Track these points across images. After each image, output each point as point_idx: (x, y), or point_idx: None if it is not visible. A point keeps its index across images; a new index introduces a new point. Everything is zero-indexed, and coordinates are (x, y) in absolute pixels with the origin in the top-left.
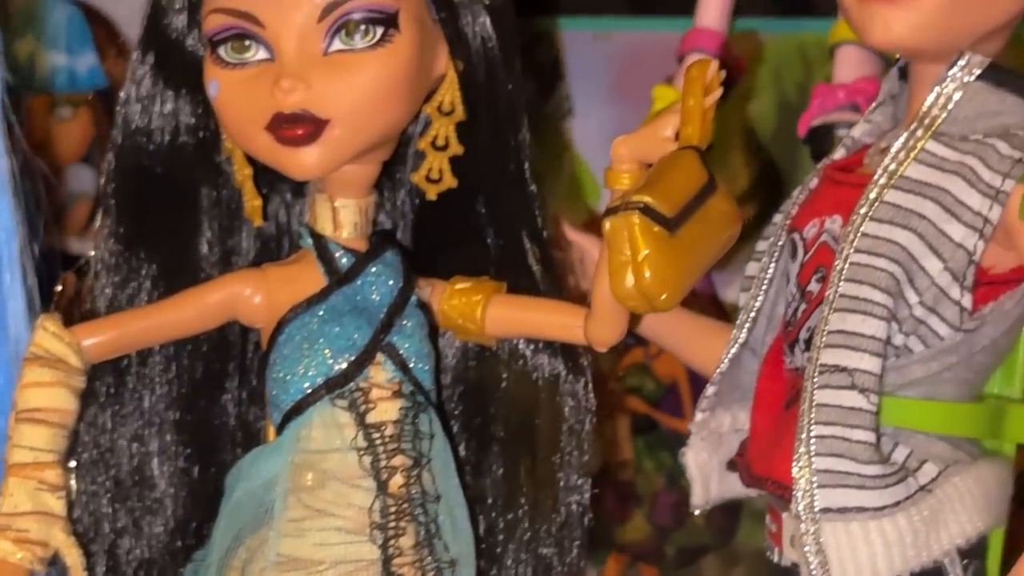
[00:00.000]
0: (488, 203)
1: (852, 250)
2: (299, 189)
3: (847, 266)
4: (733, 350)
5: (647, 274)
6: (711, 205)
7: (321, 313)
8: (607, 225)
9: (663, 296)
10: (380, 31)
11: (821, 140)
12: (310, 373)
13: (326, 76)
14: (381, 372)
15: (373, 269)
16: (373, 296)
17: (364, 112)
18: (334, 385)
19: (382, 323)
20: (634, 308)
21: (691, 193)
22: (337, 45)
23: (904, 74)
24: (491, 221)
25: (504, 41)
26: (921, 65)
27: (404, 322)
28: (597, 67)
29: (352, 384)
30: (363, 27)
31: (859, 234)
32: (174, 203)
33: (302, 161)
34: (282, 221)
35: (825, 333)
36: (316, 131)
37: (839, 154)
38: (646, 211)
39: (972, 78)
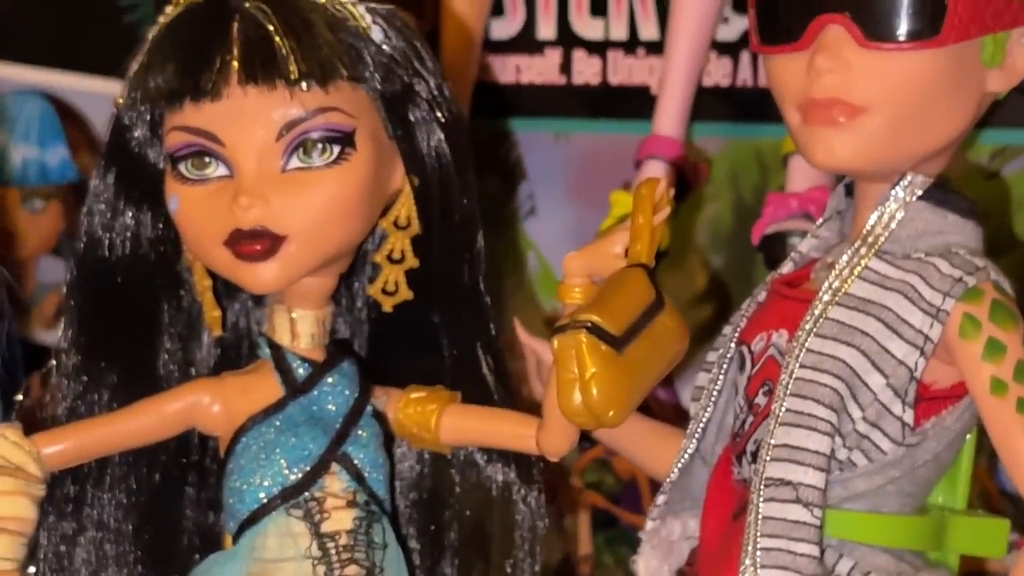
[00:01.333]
0: (443, 314)
1: (797, 365)
2: (259, 298)
3: (792, 381)
4: (683, 460)
5: (594, 392)
6: (658, 322)
7: (278, 423)
8: (555, 343)
9: (610, 413)
10: (337, 149)
11: (774, 247)
12: (266, 483)
13: (284, 193)
14: (336, 482)
15: (329, 379)
16: (329, 406)
17: (321, 228)
18: (289, 495)
19: (338, 433)
20: (582, 424)
21: (638, 311)
22: (295, 163)
23: (850, 191)
24: (446, 332)
25: (459, 157)
26: (865, 184)
27: (359, 432)
28: (557, 167)
29: (307, 494)
30: (320, 145)
31: (804, 349)
32: (135, 313)
33: (260, 276)
34: (242, 328)
35: (771, 447)
36: (273, 247)
37: (787, 268)
38: (593, 330)
39: (914, 198)
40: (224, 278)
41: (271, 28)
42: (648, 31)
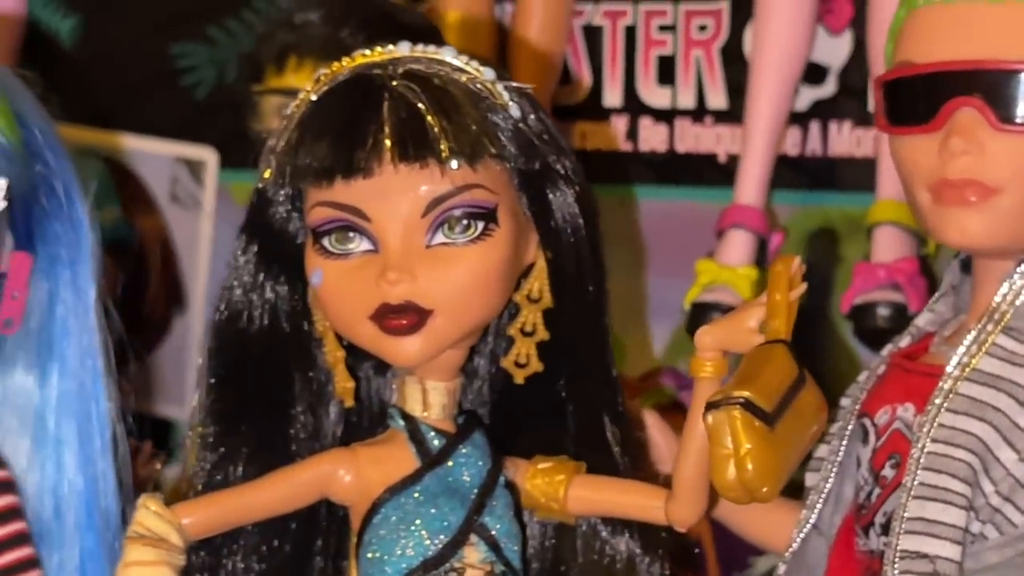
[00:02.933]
0: (570, 385)
1: (929, 440)
2: (380, 368)
3: (924, 455)
4: (805, 530)
5: (749, 467)
6: (802, 398)
7: (416, 494)
8: (709, 419)
9: (764, 489)
10: (481, 225)
11: (864, 317)
12: (407, 554)
13: (430, 269)
14: (475, 553)
15: (464, 450)
16: (464, 477)
17: (465, 303)
18: (431, 566)
19: (475, 504)
20: (734, 500)
21: (786, 387)
22: (439, 238)
23: (966, 266)
24: (572, 402)
25: (590, 231)
26: (986, 260)
27: (494, 503)
28: (623, 234)
29: (447, 565)
30: (464, 221)
31: (935, 424)
32: (269, 383)
33: (405, 349)
34: (363, 398)
35: (904, 519)
36: (420, 321)
37: (904, 342)
38: (747, 406)
39: None
40: (354, 348)
41: (421, 107)
42: (716, 100)
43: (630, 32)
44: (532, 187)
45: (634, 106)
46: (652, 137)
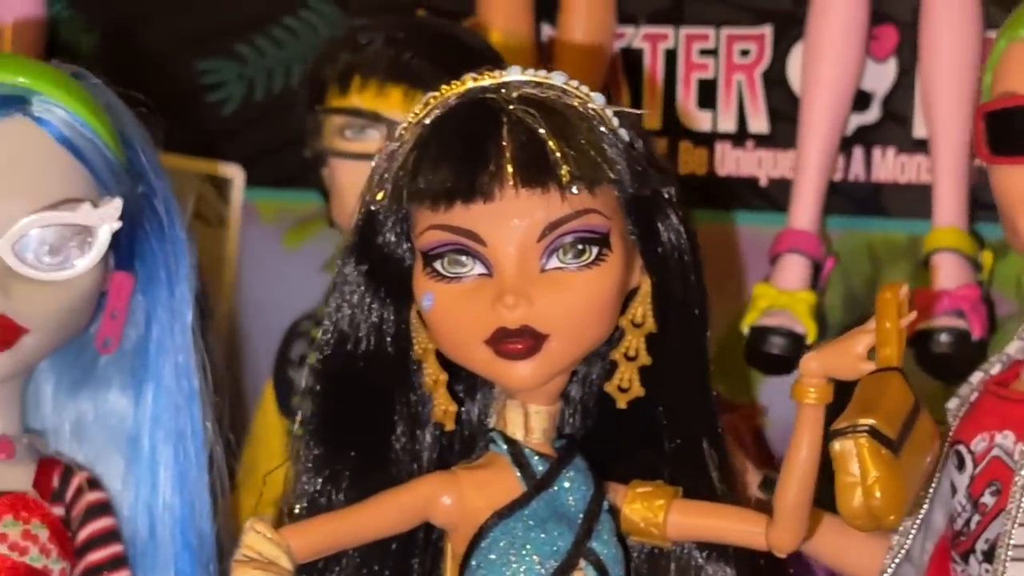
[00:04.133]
0: (669, 409)
1: None
2: (470, 391)
3: None
4: (899, 557)
5: (877, 495)
6: (919, 426)
7: (525, 519)
8: (836, 446)
9: (891, 517)
10: (595, 250)
11: (926, 344)
12: None
13: (545, 293)
14: None
15: (569, 474)
16: (569, 502)
17: (579, 327)
18: None
19: (582, 529)
20: (860, 527)
21: (905, 415)
22: (554, 263)
23: None
24: (671, 426)
25: (694, 256)
26: None
27: (600, 527)
28: None
29: None
30: (579, 246)
31: None
32: (373, 406)
33: (520, 374)
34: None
35: (1010, 547)
36: (536, 346)
37: (995, 369)
38: (873, 433)
39: None
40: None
41: (542, 131)
42: (757, 124)
43: (670, 56)
44: (639, 211)
45: (674, 129)
46: (691, 160)
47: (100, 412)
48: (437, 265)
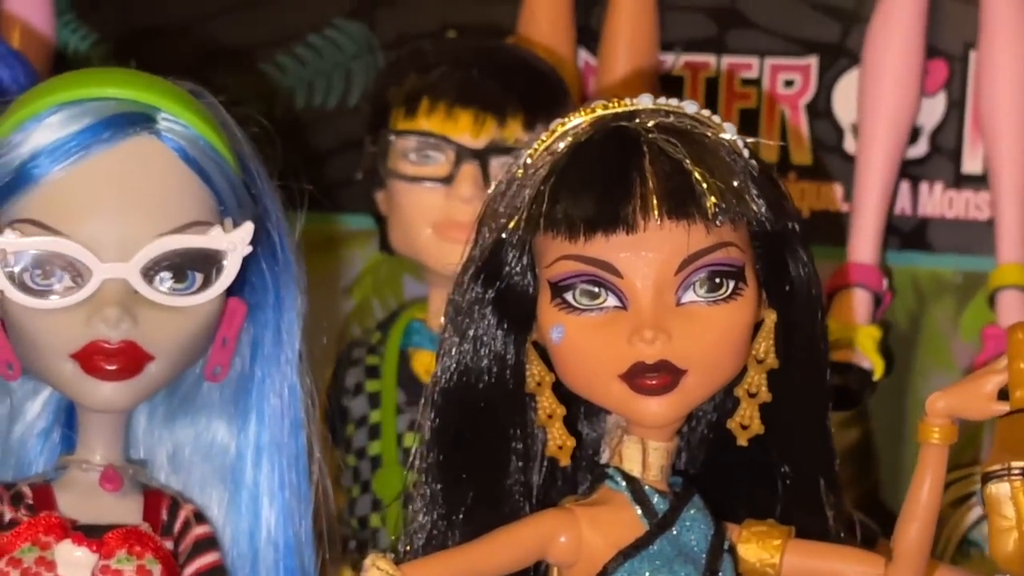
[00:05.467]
0: (787, 448)
1: None
2: (574, 425)
3: None
4: None
5: None
6: None
7: (650, 559)
8: (992, 489)
9: None
10: (732, 284)
11: None
12: None
13: (683, 327)
14: None
15: (690, 512)
16: (692, 541)
17: (717, 363)
18: None
19: (707, 569)
20: (1014, 572)
21: None
22: (690, 296)
23: None
24: (788, 465)
25: (817, 294)
26: None
27: (722, 568)
28: None
29: None
30: (716, 280)
31: None
32: (490, 441)
33: (655, 410)
34: None
35: None
36: (673, 381)
37: None
38: None
39: None
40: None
41: (687, 162)
42: (801, 156)
43: (711, 84)
44: (767, 245)
45: None
46: None
47: (200, 442)
48: (568, 296)
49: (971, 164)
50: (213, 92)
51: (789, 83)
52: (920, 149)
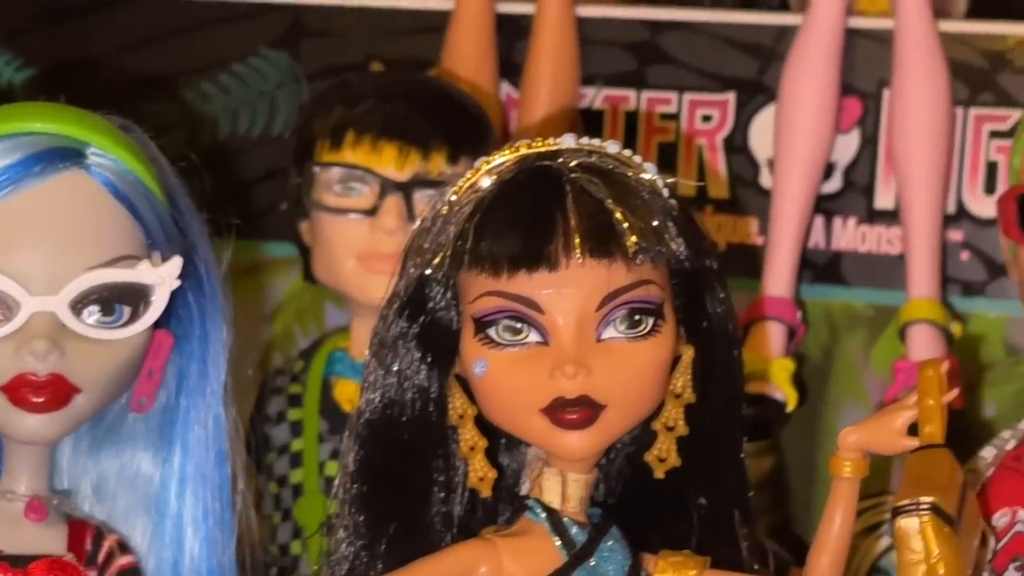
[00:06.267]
0: (703, 480)
1: None
2: (494, 458)
3: None
4: None
5: (941, 572)
6: (968, 504)
7: None
8: (900, 523)
9: None
10: (651, 321)
11: None
12: None
13: (603, 363)
14: None
15: (608, 544)
16: (609, 571)
17: (636, 398)
18: None
19: None
20: None
21: (959, 492)
22: (610, 333)
23: None
24: (704, 497)
25: (733, 329)
26: None
27: None
28: None
29: None
30: (636, 317)
31: None
32: (413, 472)
33: (575, 443)
34: None
35: None
36: (594, 415)
37: (1011, 445)
38: (935, 511)
39: None
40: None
41: (608, 201)
42: (718, 190)
43: (631, 118)
44: (685, 283)
45: None
46: None
47: (125, 472)
48: (491, 332)
49: (884, 200)
50: (140, 121)
51: (707, 118)
52: (834, 184)
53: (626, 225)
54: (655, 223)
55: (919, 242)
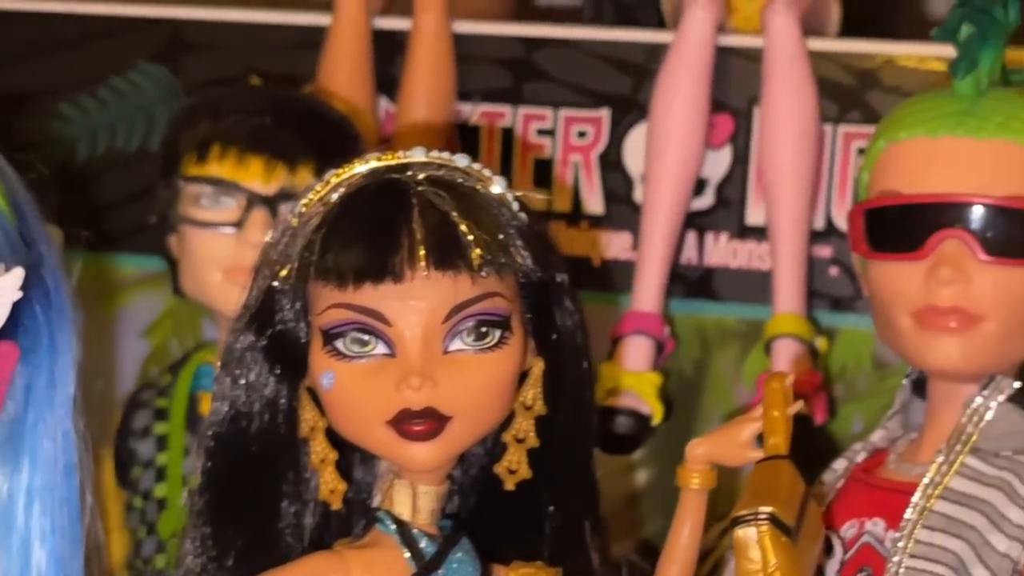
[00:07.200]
0: (554, 491)
1: (907, 556)
2: (349, 470)
3: (903, 570)
4: None
5: None
6: (810, 514)
7: None
8: (739, 533)
9: None
10: (498, 333)
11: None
12: None
13: (449, 375)
14: None
15: (457, 555)
16: None
17: (482, 410)
18: None
19: None
20: None
21: (799, 502)
22: (457, 344)
23: (917, 387)
24: (555, 508)
25: (584, 342)
26: (945, 384)
27: None
28: None
29: None
30: (483, 329)
31: (912, 540)
32: (262, 484)
33: (421, 455)
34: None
35: None
36: (439, 427)
37: (861, 457)
38: (773, 521)
39: (1002, 398)
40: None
41: (453, 214)
42: (593, 205)
43: (507, 134)
44: (534, 296)
45: None
46: None
47: None
48: (338, 344)
49: (755, 216)
50: (12, 137)
51: (582, 134)
52: (706, 201)
53: (471, 238)
54: (501, 236)
55: (785, 258)
